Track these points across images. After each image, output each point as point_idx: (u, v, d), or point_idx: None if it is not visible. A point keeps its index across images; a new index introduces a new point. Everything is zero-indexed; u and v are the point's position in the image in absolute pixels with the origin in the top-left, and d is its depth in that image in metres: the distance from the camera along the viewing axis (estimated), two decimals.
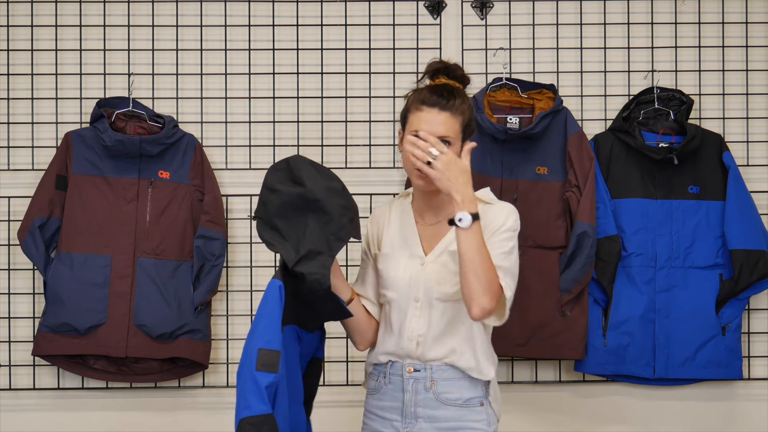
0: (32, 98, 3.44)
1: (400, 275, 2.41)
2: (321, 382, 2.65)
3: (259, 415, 2.10)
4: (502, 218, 2.37)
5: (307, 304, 2.27)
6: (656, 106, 3.41)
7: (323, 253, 2.21)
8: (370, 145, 3.46)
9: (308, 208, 2.25)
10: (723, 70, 3.51)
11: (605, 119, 3.49)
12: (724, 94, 3.50)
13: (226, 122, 3.46)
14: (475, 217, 2.21)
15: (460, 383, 2.39)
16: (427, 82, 2.44)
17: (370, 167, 3.46)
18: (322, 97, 3.47)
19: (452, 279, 2.37)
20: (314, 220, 2.24)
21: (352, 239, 2.30)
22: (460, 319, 2.38)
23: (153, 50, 3.46)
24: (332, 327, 2.53)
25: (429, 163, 2.24)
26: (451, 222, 2.23)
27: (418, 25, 3.48)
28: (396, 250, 2.45)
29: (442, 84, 2.40)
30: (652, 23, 3.51)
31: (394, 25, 3.48)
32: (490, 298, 2.24)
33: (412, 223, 2.47)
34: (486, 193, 2.46)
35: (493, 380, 2.43)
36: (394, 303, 2.42)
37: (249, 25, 3.47)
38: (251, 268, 3.42)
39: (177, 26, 3.46)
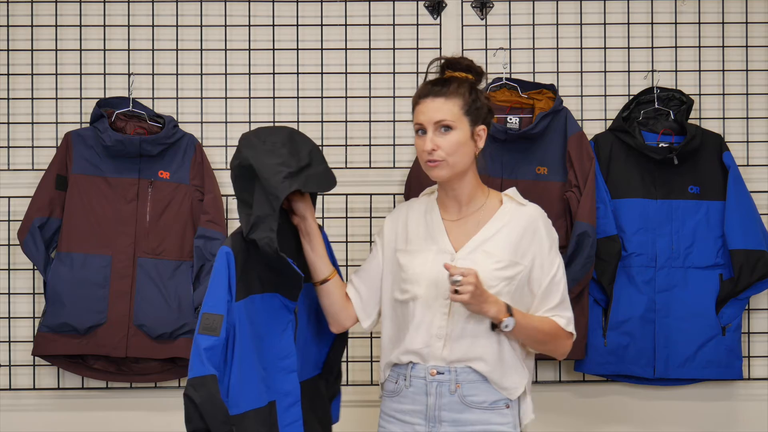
0: (32, 98, 3.44)
1: (427, 271, 2.37)
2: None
3: (198, 377, 2.15)
4: (544, 244, 2.42)
5: (274, 270, 2.28)
6: (656, 106, 3.41)
7: (269, 216, 2.20)
8: (370, 145, 3.46)
9: (249, 175, 2.26)
10: (723, 70, 3.50)
11: (605, 119, 3.49)
12: (724, 94, 3.50)
13: (226, 122, 3.46)
14: (511, 313, 2.29)
15: (485, 386, 2.34)
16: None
17: (370, 167, 3.46)
18: (322, 97, 3.47)
19: (483, 280, 2.29)
20: (258, 186, 2.25)
21: (323, 191, 2.33)
22: (486, 323, 2.33)
23: (153, 50, 3.46)
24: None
25: (456, 291, 2.24)
26: (494, 327, 2.31)
27: (418, 25, 3.48)
28: (422, 245, 2.42)
29: (438, 78, 2.43)
30: (652, 23, 3.50)
31: (394, 25, 3.48)
32: (562, 351, 2.44)
33: (438, 218, 2.44)
34: (515, 192, 2.51)
35: (525, 385, 2.40)
36: (419, 299, 2.36)
37: (249, 25, 3.47)
38: None
39: (177, 26, 3.46)
